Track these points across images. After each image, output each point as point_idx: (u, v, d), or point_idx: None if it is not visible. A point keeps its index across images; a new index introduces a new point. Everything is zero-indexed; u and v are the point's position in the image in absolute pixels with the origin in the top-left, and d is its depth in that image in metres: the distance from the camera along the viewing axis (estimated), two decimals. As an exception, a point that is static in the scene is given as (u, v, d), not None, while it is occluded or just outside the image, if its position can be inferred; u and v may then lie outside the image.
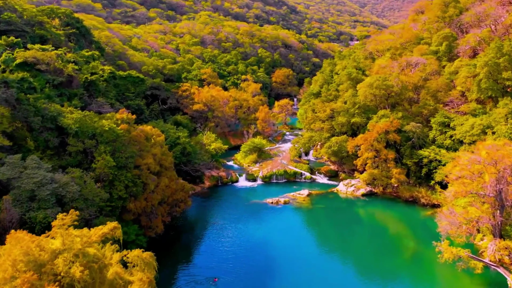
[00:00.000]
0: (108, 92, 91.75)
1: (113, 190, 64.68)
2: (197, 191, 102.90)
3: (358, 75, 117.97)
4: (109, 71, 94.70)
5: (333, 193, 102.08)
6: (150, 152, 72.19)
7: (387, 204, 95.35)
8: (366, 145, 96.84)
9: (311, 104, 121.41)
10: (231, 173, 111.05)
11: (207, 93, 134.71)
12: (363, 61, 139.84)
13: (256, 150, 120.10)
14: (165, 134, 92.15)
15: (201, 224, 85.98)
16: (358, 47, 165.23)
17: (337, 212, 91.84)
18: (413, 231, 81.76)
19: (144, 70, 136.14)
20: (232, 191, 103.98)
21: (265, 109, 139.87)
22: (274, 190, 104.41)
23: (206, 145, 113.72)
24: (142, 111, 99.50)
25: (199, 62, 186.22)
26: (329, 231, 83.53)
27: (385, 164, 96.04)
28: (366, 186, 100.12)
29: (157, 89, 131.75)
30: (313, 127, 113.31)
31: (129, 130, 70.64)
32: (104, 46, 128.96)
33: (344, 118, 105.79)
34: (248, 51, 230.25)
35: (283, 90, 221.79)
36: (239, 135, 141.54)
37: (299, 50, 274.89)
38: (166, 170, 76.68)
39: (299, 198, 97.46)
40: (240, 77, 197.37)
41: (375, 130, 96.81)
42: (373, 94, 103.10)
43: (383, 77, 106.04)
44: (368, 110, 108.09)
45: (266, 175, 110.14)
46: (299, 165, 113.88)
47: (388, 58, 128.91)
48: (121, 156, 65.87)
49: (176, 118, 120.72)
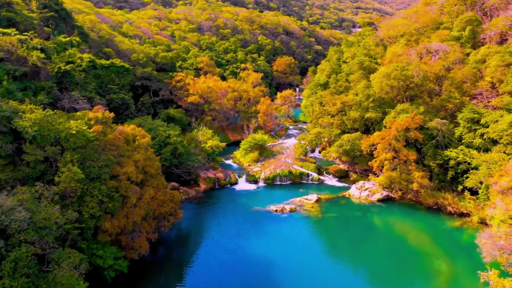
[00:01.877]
0: (87, 84, 78.26)
1: (83, 208, 51.79)
2: (191, 195, 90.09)
3: (371, 64, 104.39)
4: (88, 60, 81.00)
5: (344, 198, 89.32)
6: (131, 158, 59.12)
7: (407, 211, 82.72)
8: (383, 144, 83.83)
9: (318, 96, 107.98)
10: (230, 174, 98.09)
11: (203, 84, 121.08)
12: (373, 48, 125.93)
13: (257, 148, 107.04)
14: (152, 132, 79.03)
15: (195, 238, 73.38)
16: (367, 33, 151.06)
17: (351, 222, 79.11)
18: (442, 247, 69.29)
19: (134, 59, 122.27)
20: (231, 196, 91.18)
21: (266, 101, 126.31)
22: (278, 194, 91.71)
23: (201, 143, 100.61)
24: (128, 106, 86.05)
25: (195, 50, 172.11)
26: (342, 248, 70.82)
27: (405, 166, 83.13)
28: (382, 190, 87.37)
29: (148, 79, 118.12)
30: (321, 122, 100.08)
31: (105, 132, 57.44)
32: (88, 32, 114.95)
33: (357, 113, 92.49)
34: (248, 38, 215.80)
35: (284, 80, 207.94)
36: (238, 130, 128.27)
37: (301, 37, 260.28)
38: (152, 178, 63.70)
39: (307, 204, 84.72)
40: (240, 65, 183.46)
41: (393, 127, 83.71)
42: (390, 85, 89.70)
43: (401, 66, 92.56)
44: (383, 104, 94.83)
45: (269, 177, 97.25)
46: (305, 165, 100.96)
47: (403, 44, 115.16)
48: (93, 166, 52.79)
49: (169, 112, 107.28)
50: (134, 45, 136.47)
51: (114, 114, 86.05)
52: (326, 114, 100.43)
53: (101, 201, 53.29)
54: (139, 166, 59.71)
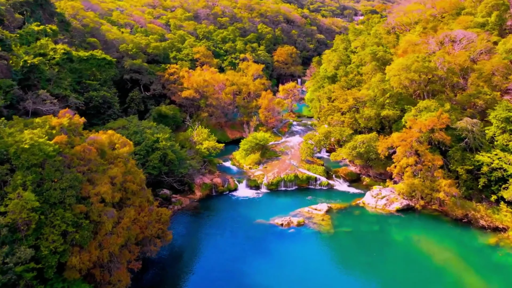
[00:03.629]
0: (60, 80, 66.19)
1: (41, 242, 40.28)
2: (185, 205, 78.59)
3: (385, 54, 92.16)
4: (63, 51, 68.85)
5: (358, 207, 77.86)
6: (106, 173, 47.40)
7: (431, 224, 71.34)
8: (404, 148, 72.11)
9: (327, 90, 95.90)
10: (228, 179, 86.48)
11: (199, 77, 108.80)
12: (385, 36, 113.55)
13: (258, 148, 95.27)
14: (138, 136, 67.21)
15: (189, 259, 62.12)
16: (376, 20, 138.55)
17: (367, 239, 67.65)
18: (474, 268, 59.11)
19: (122, 50, 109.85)
20: (230, 205, 79.67)
21: (268, 95, 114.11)
22: (283, 203, 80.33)
23: (196, 144, 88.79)
24: (111, 105, 74.00)
25: (191, 39, 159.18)
26: (359, 271, 59.12)
27: (429, 172, 71.57)
28: (402, 199, 75.91)
29: (137, 72, 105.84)
30: (331, 120, 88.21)
31: (72, 142, 45.64)
32: (70, 20, 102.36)
33: (372, 110, 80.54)
34: (247, 27, 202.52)
35: (286, 70, 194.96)
36: (237, 126, 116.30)
37: (302, 25, 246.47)
38: (133, 195, 52.06)
39: (316, 216, 73.30)
40: (239, 56, 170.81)
41: (415, 128, 71.95)
42: (410, 79, 77.74)
43: (421, 57, 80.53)
44: (401, 100, 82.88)
45: (272, 182, 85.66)
46: (312, 167, 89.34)
47: (419, 32, 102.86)
48: (54, 188, 41.13)
49: (160, 110, 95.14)
50: (124, 35, 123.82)
51: (95, 114, 74.70)
52: (336, 111, 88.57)
53: (65, 232, 41.75)
54: (117, 183, 48.03)
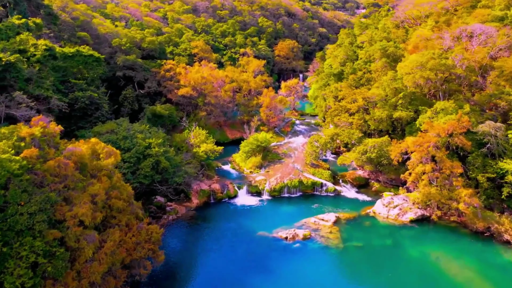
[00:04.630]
0: (42, 80, 59.22)
1: (4, 277, 33.68)
2: (180, 214, 72.00)
3: (396, 50, 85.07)
4: (45, 48, 61.81)
5: (368, 217, 71.27)
6: (87, 191, 40.68)
7: (449, 237, 64.71)
8: (420, 153, 65.34)
9: (333, 89, 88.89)
10: (228, 184, 79.79)
11: (196, 74, 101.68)
12: (394, 31, 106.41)
13: (260, 150, 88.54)
14: (128, 142, 60.35)
15: (184, 279, 55.59)
16: (383, 13, 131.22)
17: (380, 254, 60.99)
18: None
19: (115, 44, 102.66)
20: (229, 214, 73.06)
21: (270, 92, 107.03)
22: (287, 212, 73.86)
23: (193, 146, 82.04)
24: (99, 106, 67.02)
25: (189, 33, 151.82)
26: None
27: (448, 180, 64.89)
28: (416, 208, 69.29)
29: (131, 68, 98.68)
30: (338, 121, 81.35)
31: (45, 156, 38.86)
32: (59, 13, 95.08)
33: (384, 111, 73.65)
34: (247, 20, 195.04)
35: (287, 65, 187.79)
36: (238, 126, 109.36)
37: (304, 19, 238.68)
38: (119, 213, 45.39)
39: (324, 228, 66.71)
40: (239, 50, 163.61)
41: (433, 131, 65.14)
42: (426, 78, 70.80)
43: (437, 54, 73.58)
44: (414, 100, 75.93)
45: (275, 188, 79.02)
46: (317, 172, 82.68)
47: (431, 26, 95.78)
48: (21, 212, 34.45)
49: (155, 109, 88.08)
50: (118, 29, 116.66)
51: (81, 117, 67.72)
52: (344, 112, 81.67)
53: (34, 264, 35.14)
54: (99, 202, 41.28)
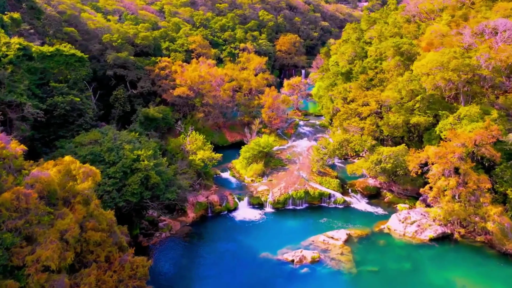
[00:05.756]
0: (15, 84, 51.37)
1: None
2: (174, 231, 64.52)
3: (411, 47, 77.09)
4: (18, 47, 53.92)
5: (383, 234, 63.77)
6: (55, 226, 33.13)
7: (475, 259, 57.25)
8: (442, 165, 57.67)
9: (341, 90, 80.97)
10: (227, 195, 72.21)
11: (193, 72, 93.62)
12: (405, 26, 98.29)
13: (262, 156, 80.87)
14: (114, 154, 52.61)
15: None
16: (392, 7, 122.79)
17: (399, 281, 53.37)
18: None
19: (106, 41, 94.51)
20: (228, 230, 65.48)
21: (272, 92, 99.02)
22: (292, 227, 66.45)
23: (189, 153, 74.33)
24: (82, 112, 59.10)
25: (187, 28, 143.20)
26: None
27: (474, 195, 57.34)
28: (436, 225, 61.77)
29: (123, 67, 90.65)
30: (347, 126, 73.59)
31: (0, 185, 31.18)
32: (44, 6, 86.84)
33: (400, 116, 65.82)
34: (247, 14, 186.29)
35: (289, 61, 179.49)
36: (238, 127, 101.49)
37: (305, 12, 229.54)
38: (97, 246, 37.84)
39: (334, 248, 59.24)
40: (238, 45, 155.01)
41: (458, 141, 57.41)
42: (448, 79, 62.99)
43: (460, 52, 65.72)
44: (433, 103, 68.18)
45: (279, 199, 71.53)
46: (325, 181, 75.17)
47: (447, 21, 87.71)
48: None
49: (148, 112, 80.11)
50: (110, 23, 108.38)
51: (62, 124, 59.69)
52: (354, 115, 73.89)
53: (-18, 326, 27.68)
54: (70, 238, 33.71)
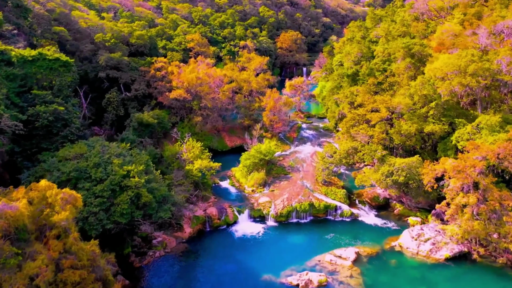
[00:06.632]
0: (-10, 93, 46.20)
1: None
2: (169, 248, 59.40)
3: (423, 49, 71.62)
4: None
5: (394, 252, 58.63)
6: (23, 271, 27.99)
7: (496, 283, 52.32)
8: (461, 180, 52.47)
9: (348, 94, 75.57)
10: (226, 208, 67.05)
11: (190, 74, 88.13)
12: (414, 24, 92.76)
13: (263, 164, 75.68)
14: (101, 170, 47.35)
15: None
16: (399, 4, 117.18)
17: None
18: None
19: (98, 40, 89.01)
20: (228, 248, 60.28)
21: (274, 94, 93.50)
22: (297, 244, 61.38)
23: (186, 162, 69.10)
24: (67, 122, 53.72)
25: (185, 25, 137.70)
26: None
27: (495, 213, 52.23)
28: (453, 243, 56.72)
29: (116, 68, 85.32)
30: (355, 133, 68.32)
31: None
32: (32, 4, 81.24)
33: (413, 125, 60.48)
34: (248, 10, 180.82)
35: (290, 58, 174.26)
36: (237, 131, 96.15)
37: (307, 8, 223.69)
38: (77, 286, 32.73)
39: (342, 269, 54.19)
40: (238, 43, 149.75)
41: (478, 153, 52.21)
42: (466, 85, 57.63)
43: (478, 55, 60.34)
44: (448, 110, 62.88)
45: (282, 213, 66.38)
46: (330, 191, 70.05)
47: (460, 20, 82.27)
48: None
49: (141, 118, 74.72)
50: (104, 21, 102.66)
51: (45, 136, 54.12)
52: (362, 122, 68.60)
53: None
54: (41, 284, 28.57)
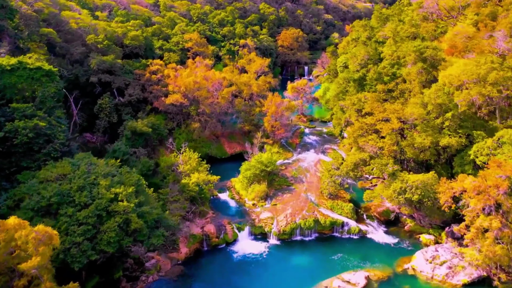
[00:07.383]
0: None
1: None
2: (163, 272, 54.65)
3: (436, 52, 66.38)
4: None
5: (407, 276, 53.88)
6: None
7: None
8: (482, 201, 47.61)
9: (355, 100, 70.41)
10: (225, 225, 62.20)
11: (188, 78, 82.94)
12: (424, 25, 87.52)
13: (264, 175, 70.67)
14: (86, 193, 42.41)
15: None
16: (406, 2, 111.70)
17: None
18: None
19: (90, 42, 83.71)
20: (226, 270, 55.39)
21: (276, 99, 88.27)
22: (301, 265, 56.63)
23: (182, 175, 64.16)
24: (50, 137, 48.72)
25: (183, 24, 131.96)
26: None
27: (519, 238, 47.43)
28: (472, 268, 51.97)
29: (109, 72, 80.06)
30: (363, 144, 63.31)
31: None
32: (19, 4, 75.92)
33: (428, 137, 55.44)
34: (248, 7, 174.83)
35: (291, 57, 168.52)
36: (237, 137, 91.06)
37: (308, 4, 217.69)
38: None
39: (352, 297, 49.65)
40: (238, 42, 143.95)
41: (501, 172, 47.28)
42: (486, 95, 52.60)
43: (498, 61, 55.29)
44: (464, 121, 57.85)
45: (285, 230, 61.50)
46: (336, 206, 65.14)
47: (474, 21, 77.13)
48: None
49: (135, 127, 69.56)
50: (98, 21, 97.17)
51: (25, 153, 49.26)
52: (370, 131, 63.58)
53: None
54: None
